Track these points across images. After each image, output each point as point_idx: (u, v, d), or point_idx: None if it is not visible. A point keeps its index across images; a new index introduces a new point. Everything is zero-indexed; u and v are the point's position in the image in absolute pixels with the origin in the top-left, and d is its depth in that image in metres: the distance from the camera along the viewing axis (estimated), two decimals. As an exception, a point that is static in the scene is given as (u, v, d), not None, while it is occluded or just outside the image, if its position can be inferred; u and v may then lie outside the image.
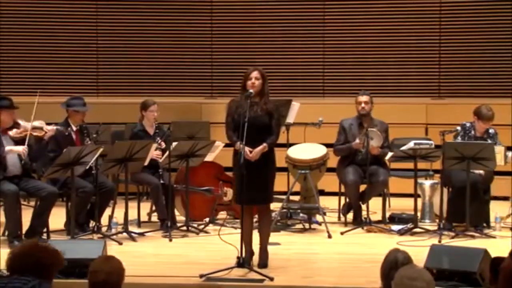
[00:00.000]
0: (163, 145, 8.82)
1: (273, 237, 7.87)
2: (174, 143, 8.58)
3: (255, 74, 7.05)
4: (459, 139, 8.84)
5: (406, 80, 11.78)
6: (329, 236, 8.42)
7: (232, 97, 7.32)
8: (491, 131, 8.92)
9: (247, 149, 6.86)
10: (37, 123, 8.09)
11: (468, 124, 8.94)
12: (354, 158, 9.00)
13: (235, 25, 11.92)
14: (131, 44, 12.01)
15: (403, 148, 8.85)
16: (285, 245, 8.05)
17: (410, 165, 8.86)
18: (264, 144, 6.99)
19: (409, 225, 8.60)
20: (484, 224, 8.72)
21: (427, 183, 9.41)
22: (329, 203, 9.86)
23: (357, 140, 8.83)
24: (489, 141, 8.73)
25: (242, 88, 7.12)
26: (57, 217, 8.48)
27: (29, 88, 11.55)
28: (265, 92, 7.10)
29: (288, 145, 9.29)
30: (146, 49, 12.00)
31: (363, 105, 8.97)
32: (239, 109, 7.02)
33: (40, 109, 7.90)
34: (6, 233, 7.88)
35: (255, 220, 7.37)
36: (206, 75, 12.02)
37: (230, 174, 7.49)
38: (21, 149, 7.84)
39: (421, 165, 9.02)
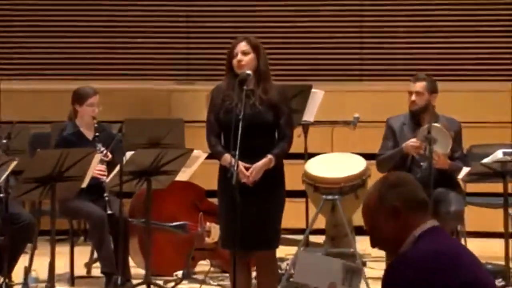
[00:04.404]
0: (110, 156, 8.60)
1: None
2: (128, 153, 8.30)
3: (242, 46, 6.82)
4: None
5: (483, 57, 11.51)
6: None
7: (217, 83, 7.10)
8: None
9: (242, 164, 6.68)
10: None
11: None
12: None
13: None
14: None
15: (486, 160, 8.66)
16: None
17: (495, 187, 8.76)
18: (269, 157, 6.81)
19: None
20: None
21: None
22: (371, 245, 9.49)
23: (413, 140, 8.61)
24: None
25: (228, 70, 6.91)
26: None
27: None
28: (264, 74, 6.90)
29: (306, 155, 9.33)
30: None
31: (413, 97, 8.71)
32: (227, 102, 6.84)
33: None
34: None
35: (253, 275, 7.28)
36: (179, 50, 11.88)
37: (215, 201, 7.37)
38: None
39: (512, 186, 8.23)
